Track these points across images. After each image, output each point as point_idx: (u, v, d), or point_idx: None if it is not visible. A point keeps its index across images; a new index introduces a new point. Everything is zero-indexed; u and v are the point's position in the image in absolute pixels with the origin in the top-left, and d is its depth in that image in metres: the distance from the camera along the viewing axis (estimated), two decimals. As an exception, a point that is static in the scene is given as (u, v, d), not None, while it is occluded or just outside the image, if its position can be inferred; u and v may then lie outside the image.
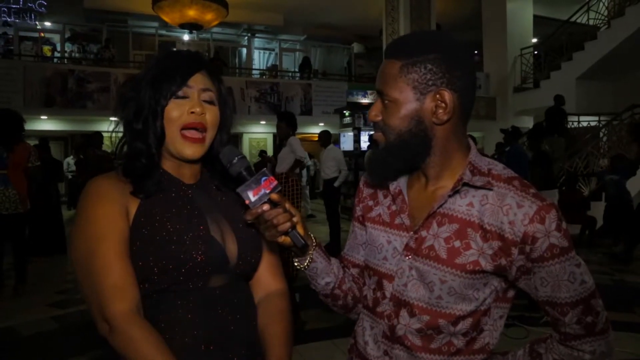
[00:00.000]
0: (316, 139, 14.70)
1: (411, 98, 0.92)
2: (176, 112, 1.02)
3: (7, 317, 3.95)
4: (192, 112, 1.03)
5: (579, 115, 10.16)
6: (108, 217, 0.97)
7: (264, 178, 0.93)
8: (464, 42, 0.98)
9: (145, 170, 1.02)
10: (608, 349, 0.94)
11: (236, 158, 0.99)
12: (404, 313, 0.97)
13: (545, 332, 1.02)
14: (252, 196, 0.92)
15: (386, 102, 0.95)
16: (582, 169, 8.85)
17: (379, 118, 0.97)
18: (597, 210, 7.31)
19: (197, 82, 1.05)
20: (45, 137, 8.29)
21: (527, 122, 12.08)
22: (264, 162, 5.72)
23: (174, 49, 1.15)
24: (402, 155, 0.95)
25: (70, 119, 12.16)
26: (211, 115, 1.06)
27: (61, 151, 13.54)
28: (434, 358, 0.96)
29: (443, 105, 0.92)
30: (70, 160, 11.31)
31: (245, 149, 14.78)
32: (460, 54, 0.94)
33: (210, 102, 1.06)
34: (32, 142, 8.89)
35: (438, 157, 0.96)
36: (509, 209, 0.89)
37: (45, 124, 12.04)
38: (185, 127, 1.03)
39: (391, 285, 0.99)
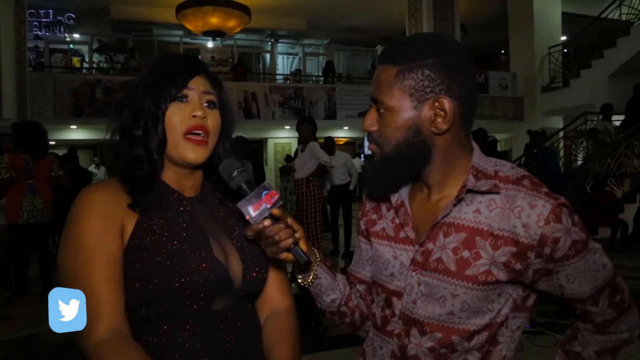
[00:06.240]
0: (342, 142, 14.65)
1: (408, 106, 0.87)
2: (177, 116, 0.97)
3: (34, 325, 4.01)
4: (194, 116, 0.97)
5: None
6: (96, 235, 0.90)
7: (265, 192, 0.89)
8: (463, 46, 0.92)
9: (146, 180, 0.96)
10: (638, 319, 0.94)
11: (236, 171, 0.94)
12: (414, 331, 0.92)
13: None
14: (252, 211, 0.89)
15: (381, 110, 0.90)
16: (615, 170, 8.55)
17: (374, 128, 0.91)
18: (632, 213, 7.06)
19: (198, 84, 1.00)
20: (73, 147, 8.47)
21: (557, 123, 11.75)
22: (287, 170, 5.75)
23: (172, 53, 1.10)
24: (399, 167, 0.90)
25: (99, 127, 12.30)
26: (213, 120, 1.00)
27: (90, 159, 13.81)
28: None
29: (442, 113, 0.86)
30: (92, 168, 11.25)
31: (270, 154, 14.83)
32: (460, 59, 0.88)
33: (212, 106, 1.01)
34: (62, 151, 9.13)
35: (439, 165, 0.90)
36: (521, 211, 0.83)
37: (75, 133, 12.32)
38: (187, 132, 0.97)
39: (400, 302, 0.94)
